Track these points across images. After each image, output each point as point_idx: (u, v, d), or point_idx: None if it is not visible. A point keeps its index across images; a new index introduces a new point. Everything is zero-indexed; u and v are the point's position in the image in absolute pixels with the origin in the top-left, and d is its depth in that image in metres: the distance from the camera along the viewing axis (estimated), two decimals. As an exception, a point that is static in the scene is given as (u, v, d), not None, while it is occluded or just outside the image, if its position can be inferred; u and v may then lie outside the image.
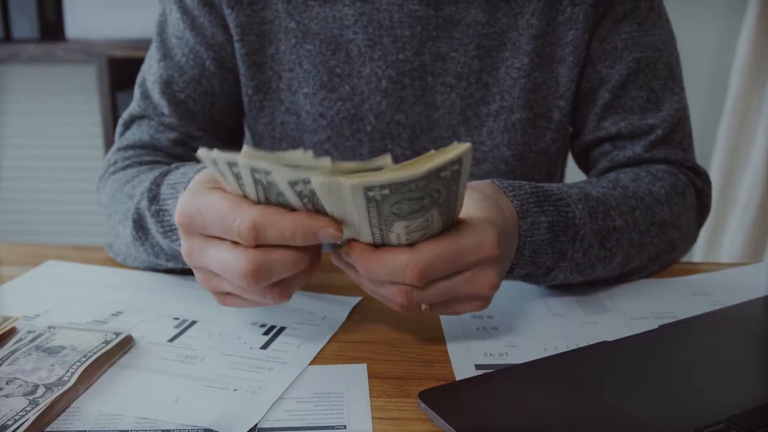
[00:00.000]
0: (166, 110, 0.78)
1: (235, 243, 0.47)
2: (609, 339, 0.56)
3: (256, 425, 0.46)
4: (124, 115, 0.82)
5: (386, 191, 0.40)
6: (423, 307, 0.51)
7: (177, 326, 0.60)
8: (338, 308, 0.63)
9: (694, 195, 0.77)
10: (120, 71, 1.84)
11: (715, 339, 0.57)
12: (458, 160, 0.41)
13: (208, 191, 0.48)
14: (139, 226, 0.63)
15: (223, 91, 0.80)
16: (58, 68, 1.94)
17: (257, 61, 0.78)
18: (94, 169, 2.00)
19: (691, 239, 0.77)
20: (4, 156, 2.06)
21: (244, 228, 0.45)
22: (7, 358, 0.53)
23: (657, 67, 0.77)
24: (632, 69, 0.77)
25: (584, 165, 0.85)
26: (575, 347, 0.56)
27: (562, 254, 0.59)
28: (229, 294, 0.51)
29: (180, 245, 0.58)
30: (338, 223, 0.45)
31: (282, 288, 0.49)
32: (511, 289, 0.67)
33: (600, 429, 0.45)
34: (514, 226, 0.54)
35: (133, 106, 0.82)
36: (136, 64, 1.86)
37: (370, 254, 0.47)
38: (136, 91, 0.82)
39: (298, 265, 0.47)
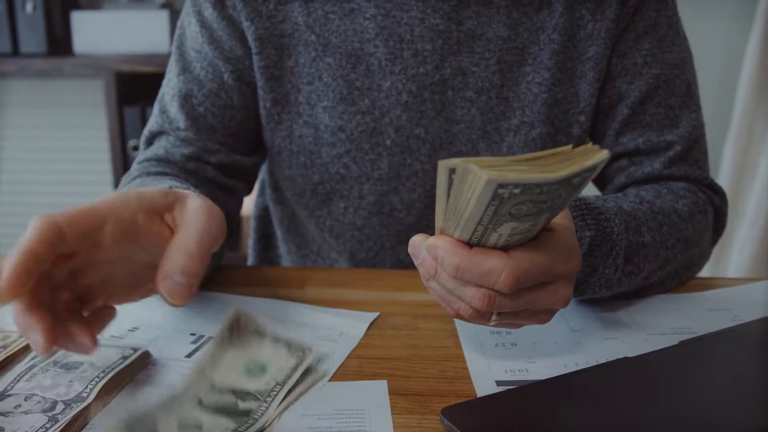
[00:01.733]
0: (182, 124, 0.78)
1: None
2: (629, 355, 0.56)
3: (277, 442, 0.46)
4: (145, 132, 0.82)
5: (517, 191, 0.39)
6: (493, 317, 0.49)
7: (194, 342, 0.60)
8: (356, 324, 0.63)
9: (713, 213, 0.76)
10: (127, 86, 1.84)
11: (737, 355, 0.57)
12: (593, 168, 0.40)
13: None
14: None
15: (241, 105, 0.80)
16: (66, 83, 1.95)
17: (276, 74, 0.78)
18: (101, 183, 2.00)
19: (707, 256, 0.77)
20: (12, 169, 2.06)
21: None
22: (25, 374, 0.53)
23: (675, 84, 0.77)
24: (651, 85, 0.77)
25: (600, 181, 0.85)
26: (595, 363, 0.56)
27: (594, 269, 0.59)
28: None
29: None
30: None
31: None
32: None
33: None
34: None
35: (152, 123, 0.82)
36: (142, 78, 1.89)
37: (464, 252, 0.45)
38: (156, 108, 0.82)
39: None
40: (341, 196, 0.81)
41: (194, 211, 0.50)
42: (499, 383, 0.53)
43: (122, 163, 1.84)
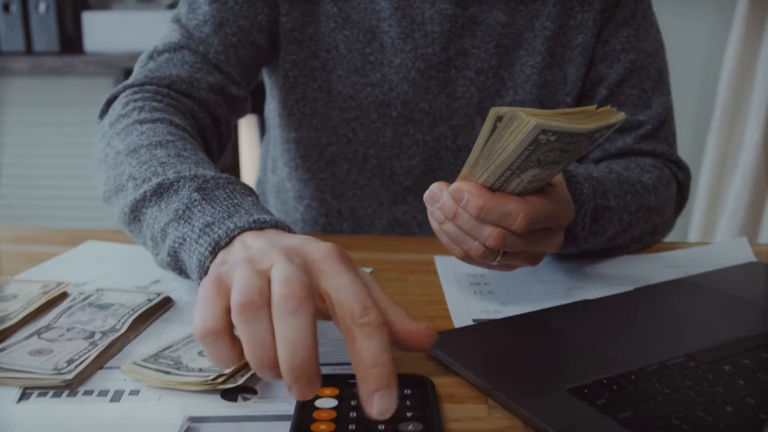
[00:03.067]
0: (216, 46, 0.79)
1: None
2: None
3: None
4: (154, 46, 0.80)
5: (553, 138, 0.46)
6: (498, 258, 0.57)
7: (209, 290, 0.68)
8: (351, 276, 0.71)
9: (676, 187, 0.85)
10: (136, 83, 1.93)
11: (683, 299, 0.65)
12: (612, 126, 0.48)
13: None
14: (134, 218, 0.61)
15: (266, 51, 0.85)
16: (77, 80, 2.03)
17: (298, 38, 0.85)
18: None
19: (670, 226, 0.85)
20: (25, 165, 2.14)
21: (241, 300, 0.42)
22: (65, 311, 0.61)
23: (649, 70, 0.86)
24: (627, 69, 0.86)
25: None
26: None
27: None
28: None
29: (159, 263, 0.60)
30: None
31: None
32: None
33: (578, 365, 0.52)
34: None
35: (169, 38, 0.80)
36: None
37: (488, 195, 0.53)
38: (172, 26, 0.81)
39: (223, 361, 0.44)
40: (346, 158, 0.89)
41: None
42: (475, 321, 0.61)
43: (131, 156, 1.93)
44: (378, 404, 0.40)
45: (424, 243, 0.83)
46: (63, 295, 0.66)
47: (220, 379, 0.49)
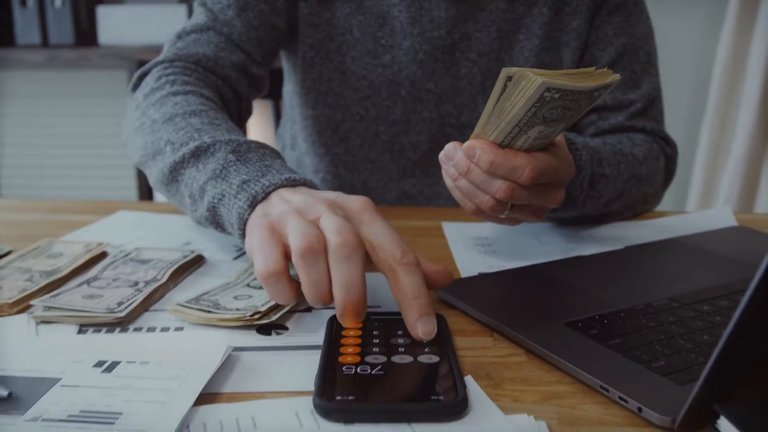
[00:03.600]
0: (239, 28, 0.86)
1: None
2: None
3: (310, 306, 0.60)
4: (183, 27, 0.87)
5: (557, 95, 0.52)
6: (506, 212, 0.63)
7: (237, 251, 0.74)
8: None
9: (664, 160, 0.91)
10: (149, 74, 1.99)
11: (669, 255, 0.72)
12: (609, 85, 0.55)
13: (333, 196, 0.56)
14: (173, 179, 0.66)
15: (285, 34, 0.92)
16: (92, 72, 2.09)
17: (315, 22, 0.93)
18: (124, 167, 2.14)
19: (659, 197, 0.92)
20: (42, 155, 2.20)
21: (299, 245, 0.50)
22: (109, 266, 0.67)
23: (638, 54, 0.93)
24: (619, 52, 0.92)
25: (573, 131, 1.00)
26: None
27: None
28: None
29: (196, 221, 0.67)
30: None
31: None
32: (506, 227, 0.81)
33: (574, 305, 0.59)
34: None
35: (196, 20, 0.87)
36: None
37: (498, 151, 0.59)
38: (198, 9, 0.89)
39: (282, 299, 0.52)
40: (358, 134, 0.96)
41: None
42: (480, 274, 0.68)
43: (143, 146, 1.99)
44: (422, 328, 0.49)
45: (432, 211, 0.89)
46: (103, 254, 0.73)
47: (256, 317, 0.55)
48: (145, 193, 2.04)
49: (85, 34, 2.04)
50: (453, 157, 0.62)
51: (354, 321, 0.50)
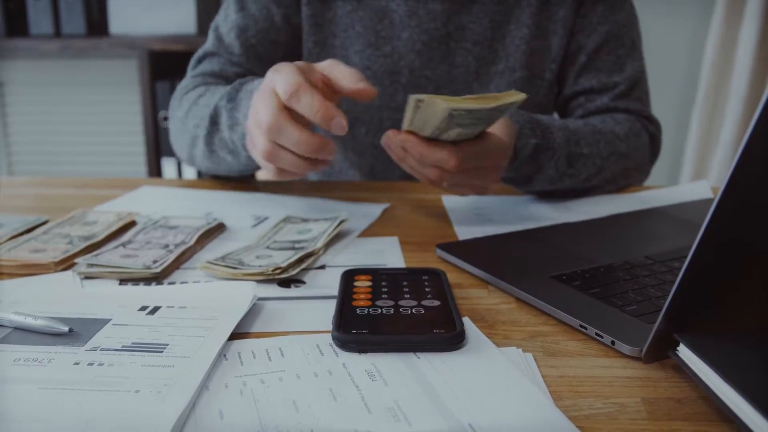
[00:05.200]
0: (237, 50, 0.99)
1: (283, 107, 0.66)
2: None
3: (324, 264, 0.67)
4: (198, 52, 1.03)
5: (463, 113, 0.62)
6: (444, 184, 0.72)
7: (255, 219, 0.81)
8: (373, 208, 0.85)
9: (648, 137, 0.98)
10: (159, 63, 2.06)
11: (647, 222, 0.79)
12: (513, 103, 0.64)
13: (291, 66, 0.67)
14: (214, 121, 0.82)
15: (285, 42, 1.01)
16: (103, 61, 2.15)
17: (318, 22, 1.00)
18: (135, 153, 2.21)
19: (644, 171, 0.99)
20: (54, 142, 2.26)
21: (288, 86, 0.64)
22: (141, 231, 0.74)
23: (622, 39, 1.00)
24: (603, 39, 0.99)
25: (563, 115, 1.07)
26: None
27: (539, 168, 0.81)
28: (253, 142, 0.71)
29: (238, 137, 0.78)
30: (345, 117, 0.65)
31: (277, 151, 0.67)
32: (502, 198, 0.88)
33: (559, 261, 0.66)
34: (513, 142, 0.76)
35: (207, 46, 1.02)
36: (174, 57, 2.11)
37: (425, 145, 0.69)
38: (210, 35, 1.03)
39: (300, 147, 0.66)
40: (363, 122, 1.02)
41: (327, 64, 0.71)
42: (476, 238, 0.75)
43: (154, 132, 2.06)
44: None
45: (433, 188, 0.96)
46: (134, 222, 0.79)
47: (278, 271, 0.62)
48: (155, 175, 2.11)
49: (97, 24, 2.10)
50: (391, 145, 0.72)
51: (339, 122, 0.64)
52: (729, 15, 1.98)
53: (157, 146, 2.08)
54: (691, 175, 2.06)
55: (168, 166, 2.09)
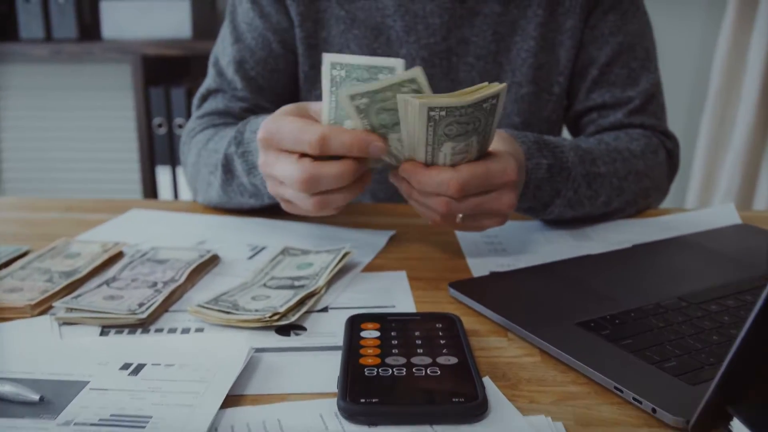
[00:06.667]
0: (239, 85, 0.94)
1: (301, 157, 0.62)
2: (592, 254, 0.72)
3: (327, 306, 0.62)
4: (201, 90, 0.98)
5: (443, 113, 0.56)
6: (457, 219, 0.65)
7: (251, 250, 0.76)
8: (378, 237, 0.79)
9: (665, 154, 0.92)
10: (153, 68, 2.00)
11: (676, 253, 0.73)
12: (496, 96, 0.57)
13: (287, 115, 0.64)
14: (227, 169, 0.78)
15: (285, 69, 0.96)
16: (96, 66, 2.09)
17: (312, 43, 0.94)
18: (128, 160, 2.15)
19: (663, 190, 0.93)
20: (45, 148, 2.20)
21: (314, 139, 0.60)
22: (127, 266, 0.68)
23: (636, 50, 0.94)
24: (615, 51, 0.93)
25: (575, 131, 1.01)
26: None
27: (557, 192, 0.75)
28: (288, 201, 0.67)
29: (260, 181, 0.74)
30: (386, 139, 0.61)
31: (324, 198, 0.64)
32: (515, 225, 0.82)
33: (585, 304, 0.60)
34: (523, 163, 0.70)
35: (209, 82, 0.97)
36: (167, 61, 2.05)
37: (422, 170, 0.62)
38: (211, 70, 0.98)
39: (342, 180, 0.62)
40: None
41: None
42: (492, 273, 0.69)
43: (148, 139, 2.00)
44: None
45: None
46: (120, 254, 0.74)
47: (275, 317, 0.57)
48: (149, 183, 2.05)
49: (89, 28, 2.04)
50: (397, 182, 0.67)
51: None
52: (740, 17, 1.92)
53: (152, 154, 2.02)
54: (700, 183, 2.01)
55: (162, 175, 2.03)
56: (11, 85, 2.13)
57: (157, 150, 2.01)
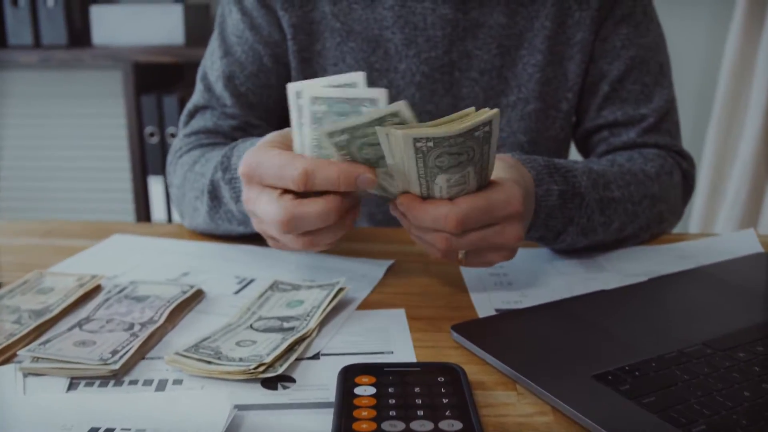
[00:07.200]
0: (228, 101, 0.89)
1: (282, 193, 0.57)
2: (606, 289, 0.67)
3: (319, 352, 0.56)
4: (189, 106, 0.93)
5: (430, 143, 0.51)
6: (460, 255, 0.60)
7: (239, 283, 0.70)
8: (376, 268, 0.74)
9: (680, 175, 0.87)
10: (144, 75, 1.94)
11: (696, 288, 0.68)
12: (488, 123, 0.52)
13: (270, 148, 0.59)
14: (214, 196, 0.73)
15: (278, 84, 0.90)
16: (86, 73, 2.04)
17: (306, 57, 0.88)
18: (120, 169, 2.09)
19: (678, 214, 0.88)
20: (34, 157, 2.15)
21: (297, 174, 0.55)
22: (103, 304, 0.63)
23: (649, 65, 0.88)
24: (628, 65, 0.88)
25: (584, 150, 0.96)
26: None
27: (570, 219, 0.70)
28: (274, 239, 0.62)
29: None
30: (373, 169, 0.56)
31: (310, 238, 0.59)
32: (522, 253, 0.77)
33: (601, 352, 0.55)
34: (532, 191, 0.65)
35: (197, 98, 0.92)
36: (158, 68, 1.99)
37: (417, 204, 0.57)
38: (199, 85, 0.92)
39: (327, 219, 0.57)
40: None
41: None
42: (497, 311, 0.64)
43: (139, 148, 1.95)
44: None
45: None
46: (98, 288, 0.69)
47: (261, 368, 0.51)
48: (140, 194, 2.00)
49: (79, 35, 1.98)
50: (394, 214, 0.61)
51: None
52: (749, 20, 1.86)
53: (143, 164, 1.97)
54: (707, 193, 1.96)
55: (155, 186, 1.98)
56: None
57: (149, 160, 1.96)
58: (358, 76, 0.55)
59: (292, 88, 0.56)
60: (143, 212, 2.00)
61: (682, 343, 0.55)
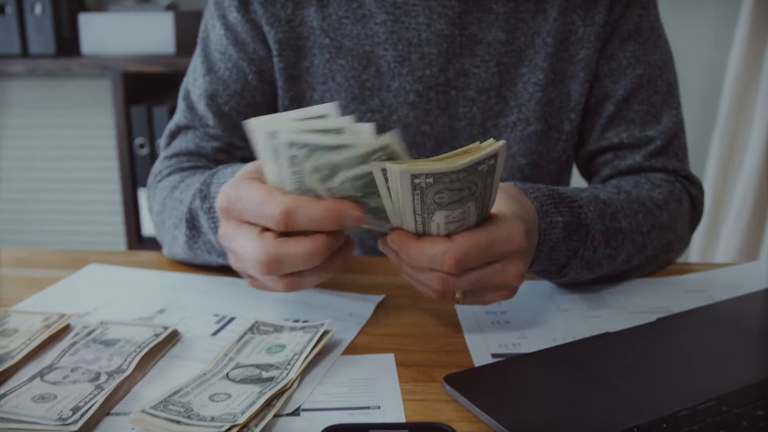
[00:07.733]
0: (211, 122, 0.84)
1: (263, 231, 0.53)
2: (611, 330, 0.62)
3: (299, 407, 0.52)
4: (170, 126, 0.89)
5: (430, 180, 0.47)
6: (457, 295, 0.56)
7: (218, 322, 0.66)
8: (364, 305, 0.69)
9: (689, 201, 0.83)
10: (134, 85, 1.90)
11: (708, 330, 0.63)
12: (494, 155, 0.48)
13: (250, 181, 0.54)
14: (192, 225, 0.69)
15: (263, 103, 0.86)
16: (74, 83, 2.00)
17: (293, 74, 0.84)
18: (109, 180, 2.05)
19: (685, 242, 0.83)
20: (22, 167, 2.11)
21: (277, 213, 0.51)
22: (69, 349, 0.58)
23: (657, 84, 0.84)
24: (635, 84, 0.83)
25: (587, 173, 0.91)
26: (581, 338, 0.62)
27: (575, 252, 0.65)
28: (254, 278, 0.58)
29: None
30: (361, 207, 0.52)
31: (294, 280, 0.55)
32: (521, 286, 0.72)
33: (607, 410, 0.50)
34: (535, 224, 0.60)
35: (179, 117, 0.88)
36: (149, 78, 1.94)
37: (412, 242, 0.52)
38: (181, 104, 0.88)
39: (312, 261, 0.53)
40: None
41: None
42: (494, 356, 0.59)
43: (129, 160, 1.90)
44: None
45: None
46: (66, 328, 0.64)
47: (234, 431, 0.47)
48: (130, 206, 1.95)
49: (67, 44, 1.94)
50: (386, 252, 0.57)
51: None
52: (755, 25, 1.82)
53: (133, 175, 1.92)
54: (710, 207, 1.91)
55: (145, 198, 1.93)
56: (-14, 102, 2.04)
57: (139, 171, 1.91)
58: (331, 108, 0.50)
59: (259, 126, 0.51)
60: (133, 225, 1.95)
61: (694, 398, 0.51)
